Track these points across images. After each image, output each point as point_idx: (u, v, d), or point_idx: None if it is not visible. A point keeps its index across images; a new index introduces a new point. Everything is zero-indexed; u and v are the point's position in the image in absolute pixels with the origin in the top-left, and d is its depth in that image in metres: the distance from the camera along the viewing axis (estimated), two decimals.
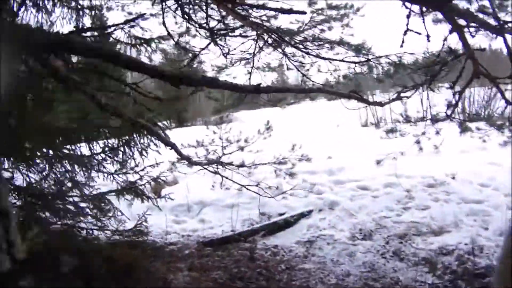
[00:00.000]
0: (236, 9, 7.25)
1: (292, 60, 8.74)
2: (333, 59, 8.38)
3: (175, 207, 9.85)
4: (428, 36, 5.60)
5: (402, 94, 6.83)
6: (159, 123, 6.70)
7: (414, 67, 7.82)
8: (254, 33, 7.93)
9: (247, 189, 8.09)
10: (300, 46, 8.43)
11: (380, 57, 8.19)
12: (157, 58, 9.30)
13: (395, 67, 8.03)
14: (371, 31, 10.35)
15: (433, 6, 4.72)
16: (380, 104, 6.89)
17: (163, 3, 5.88)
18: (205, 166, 7.46)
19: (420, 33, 5.61)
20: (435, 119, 8.12)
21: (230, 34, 7.72)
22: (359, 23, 8.73)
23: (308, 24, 8.51)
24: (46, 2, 5.47)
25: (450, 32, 6.14)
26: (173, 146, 6.15)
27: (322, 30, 8.62)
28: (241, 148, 8.65)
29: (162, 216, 8.76)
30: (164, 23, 5.91)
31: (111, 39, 5.91)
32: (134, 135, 6.32)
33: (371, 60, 8.18)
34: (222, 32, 7.81)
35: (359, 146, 14.22)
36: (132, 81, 5.73)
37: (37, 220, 5.78)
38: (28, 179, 5.85)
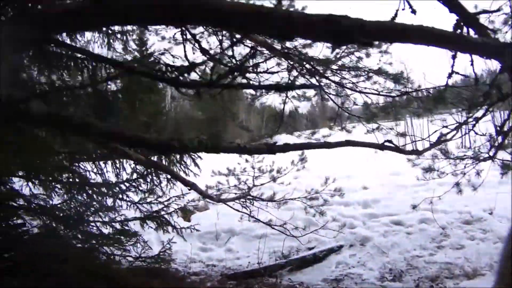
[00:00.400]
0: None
1: (327, 92, 8.45)
2: (369, 93, 8.07)
3: (203, 234, 9.69)
4: (476, 79, 5.25)
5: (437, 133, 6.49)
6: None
7: (456, 102, 7.47)
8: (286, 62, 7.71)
9: (273, 228, 7.81)
10: (336, 77, 8.15)
11: (420, 90, 7.85)
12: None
13: (434, 101, 7.67)
14: (411, 56, 10.06)
15: (491, 54, 4.40)
16: (418, 152, 6.57)
17: (184, 36, 5.73)
18: (230, 204, 7.21)
19: (467, 76, 5.28)
20: (476, 159, 7.73)
21: (257, 70, 7.52)
22: (398, 48, 8.44)
23: (345, 51, 8.22)
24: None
25: (500, 71, 5.74)
26: (192, 186, 5.93)
27: (360, 58, 8.30)
28: (273, 179, 8.40)
29: (189, 242, 8.56)
30: (185, 56, 5.76)
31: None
32: (163, 161, 6.21)
33: (410, 93, 7.83)
34: (249, 67, 7.63)
35: (397, 175, 13.89)
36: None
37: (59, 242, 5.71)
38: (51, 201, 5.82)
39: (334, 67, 8.23)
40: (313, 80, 8.16)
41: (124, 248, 6.47)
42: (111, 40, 6.03)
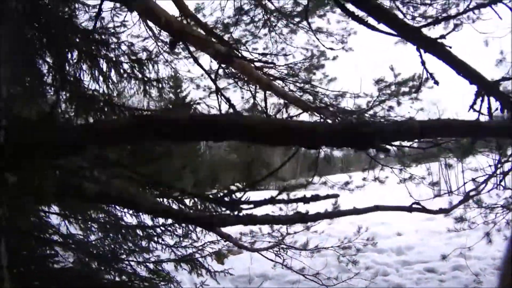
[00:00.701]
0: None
1: None
2: (401, 146, 8.19)
3: (236, 277, 9.75)
4: (500, 151, 5.45)
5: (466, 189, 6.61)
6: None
7: (486, 150, 7.59)
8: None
9: (306, 277, 7.89)
10: None
11: (451, 141, 7.93)
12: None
13: (463, 151, 7.77)
14: (443, 95, 10.11)
15: None
16: (446, 211, 6.68)
17: (219, 98, 6.05)
18: (263, 253, 7.35)
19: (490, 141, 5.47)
20: (507, 208, 7.80)
21: None
22: (428, 95, 8.49)
23: (377, 100, 8.38)
24: (112, 73, 5.59)
25: None
26: (228, 238, 6.13)
27: (391, 107, 8.44)
28: (307, 228, 8.50)
29: (222, 285, 8.63)
30: (219, 108, 6.08)
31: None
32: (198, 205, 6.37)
33: (440, 144, 7.89)
34: None
35: (430, 220, 13.84)
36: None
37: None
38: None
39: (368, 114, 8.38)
40: None
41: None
42: (147, 87, 6.24)
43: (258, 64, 7.09)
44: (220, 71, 7.27)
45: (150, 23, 6.88)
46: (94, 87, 5.45)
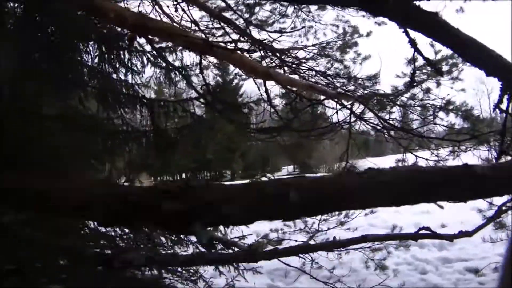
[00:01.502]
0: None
1: (391, 135, 8.15)
2: (432, 138, 7.75)
3: (272, 270, 9.56)
4: None
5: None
6: None
7: None
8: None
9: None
10: (395, 121, 7.87)
11: (490, 132, 7.44)
12: None
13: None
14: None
15: None
16: (468, 234, 6.31)
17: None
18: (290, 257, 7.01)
19: None
20: None
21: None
22: (469, 73, 7.95)
23: (416, 82, 7.83)
24: (135, 62, 5.39)
25: None
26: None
27: (428, 90, 7.97)
28: (341, 223, 8.19)
29: (257, 279, 8.45)
30: None
31: None
32: None
33: (478, 136, 7.32)
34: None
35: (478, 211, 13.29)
36: None
37: None
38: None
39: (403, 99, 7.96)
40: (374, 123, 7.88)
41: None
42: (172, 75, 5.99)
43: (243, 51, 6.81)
44: None
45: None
46: (117, 78, 5.32)
